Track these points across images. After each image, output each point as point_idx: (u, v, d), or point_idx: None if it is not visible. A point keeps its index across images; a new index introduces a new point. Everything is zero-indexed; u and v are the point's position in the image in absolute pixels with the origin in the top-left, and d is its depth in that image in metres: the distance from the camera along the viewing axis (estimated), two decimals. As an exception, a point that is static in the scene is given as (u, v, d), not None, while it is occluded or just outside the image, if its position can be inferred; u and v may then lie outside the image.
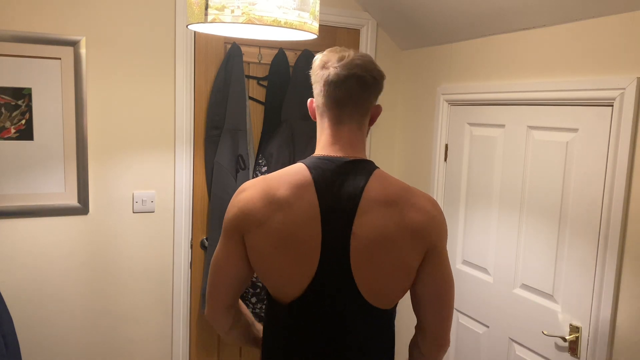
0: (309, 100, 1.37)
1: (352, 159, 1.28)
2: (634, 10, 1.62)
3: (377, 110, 1.38)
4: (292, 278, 1.26)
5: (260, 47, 2.54)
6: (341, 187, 1.24)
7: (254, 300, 2.44)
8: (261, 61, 2.56)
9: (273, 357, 1.35)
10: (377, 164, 1.33)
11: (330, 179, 1.25)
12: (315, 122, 1.40)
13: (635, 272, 1.65)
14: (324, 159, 1.28)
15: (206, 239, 2.54)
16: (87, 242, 2.34)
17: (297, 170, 1.28)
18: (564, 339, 1.87)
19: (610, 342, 1.73)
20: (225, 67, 2.40)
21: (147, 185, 2.41)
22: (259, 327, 1.50)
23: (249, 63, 2.54)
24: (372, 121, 1.38)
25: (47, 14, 2.16)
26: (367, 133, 1.38)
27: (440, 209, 1.29)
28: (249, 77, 2.53)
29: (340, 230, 1.22)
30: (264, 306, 2.42)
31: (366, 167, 1.28)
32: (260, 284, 2.43)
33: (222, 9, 1.33)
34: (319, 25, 1.63)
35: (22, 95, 2.16)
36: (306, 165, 1.28)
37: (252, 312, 2.42)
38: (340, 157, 1.28)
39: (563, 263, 1.90)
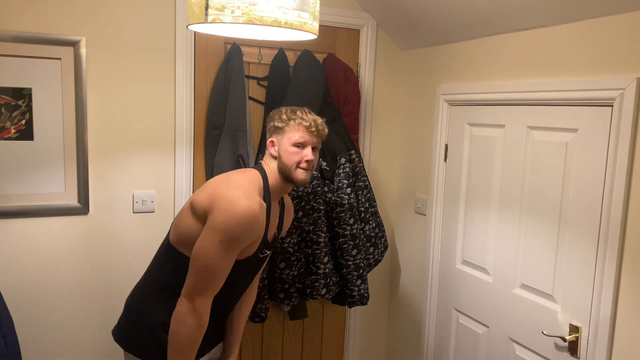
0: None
1: None
2: (634, 10, 1.63)
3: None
4: None
5: (260, 47, 2.54)
6: None
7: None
8: (261, 61, 2.56)
9: None
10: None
11: None
12: None
13: (635, 272, 1.65)
14: None
15: (206, 239, 2.54)
16: (87, 242, 2.34)
17: None
18: (564, 339, 1.87)
19: (610, 342, 1.73)
20: (225, 67, 2.40)
21: (147, 185, 2.41)
22: None
23: (249, 63, 2.54)
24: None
25: (47, 14, 2.16)
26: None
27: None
28: (249, 77, 2.53)
29: None
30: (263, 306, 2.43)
31: None
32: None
33: (222, 9, 1.33)
34: (319, 25, 1.63)
35: (22, 95, 2.16)
36: None
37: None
38: None
39: (563, 263, 1.90)
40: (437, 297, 2.59)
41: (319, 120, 1.84)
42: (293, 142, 1.79)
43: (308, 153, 1.79)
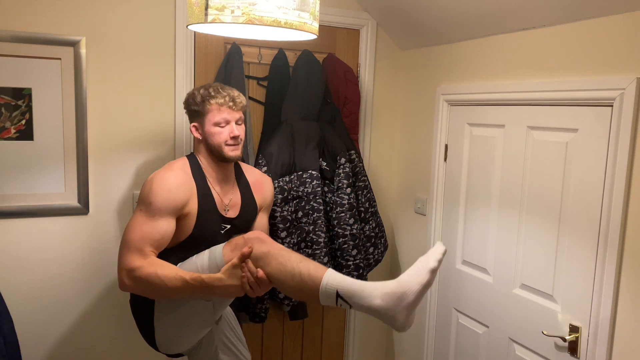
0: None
1: None
2: (634, 11, 1.63)
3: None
4: None
5: (260, 47, 2.54)
6: None
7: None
8: (261, 61, 2.56)
9: None
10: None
11: None
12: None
13: (635, 272, 1.65)
14: None
15: (206, 239, 2.54)
16: (87, 242, 2.34)
17: None
18: (564, 339, 1.87)
19: (610, 342, 1.73)
20: (225, 67, 2.40)
21: (147, 185, 2.41)
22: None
23: (249, 63, 2.54)
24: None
25: (47, 14, 2.16)
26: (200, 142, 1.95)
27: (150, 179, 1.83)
28: (249, 77, 2.53)
29: None
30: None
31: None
32: None
33: (222, 9, 1.34)
34: (319, 25, 1.63)
35: (22, 95, 2.16)
36: None
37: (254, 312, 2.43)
38: None
39: (563, 263, 1.90)
40: (437, 297, 2.59)
41: (235, 93, 1.88)
42: (214, 123, 1.86)
43: (233, 129, 1.86)
